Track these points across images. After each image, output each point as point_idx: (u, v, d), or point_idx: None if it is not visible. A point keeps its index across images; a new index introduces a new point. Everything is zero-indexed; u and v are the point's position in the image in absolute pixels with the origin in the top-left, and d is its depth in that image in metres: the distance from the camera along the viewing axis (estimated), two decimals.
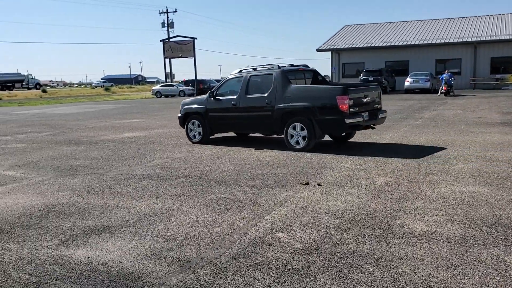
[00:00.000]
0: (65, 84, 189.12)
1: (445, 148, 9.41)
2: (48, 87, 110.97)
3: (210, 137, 11.55)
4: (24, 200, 6.27)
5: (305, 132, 9.53)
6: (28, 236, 4.82)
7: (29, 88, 73.41)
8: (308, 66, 11.23)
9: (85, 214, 5.54)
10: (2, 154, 10.55)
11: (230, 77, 11.20)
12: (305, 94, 9.62)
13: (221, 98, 10.94)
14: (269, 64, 10.65)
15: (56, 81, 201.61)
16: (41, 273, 3.86)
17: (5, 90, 64.00)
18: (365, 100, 9.60)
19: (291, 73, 10.32)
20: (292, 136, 9.75)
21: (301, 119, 9.54)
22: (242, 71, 10.89)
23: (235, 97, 10.61)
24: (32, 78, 78.23)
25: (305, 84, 10.72)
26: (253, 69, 10.73)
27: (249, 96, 10.41)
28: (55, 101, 44.22)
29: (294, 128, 9.68)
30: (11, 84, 71.28)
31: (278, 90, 9.90)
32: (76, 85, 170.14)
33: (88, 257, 4.18)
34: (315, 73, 11.23)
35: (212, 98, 11.05)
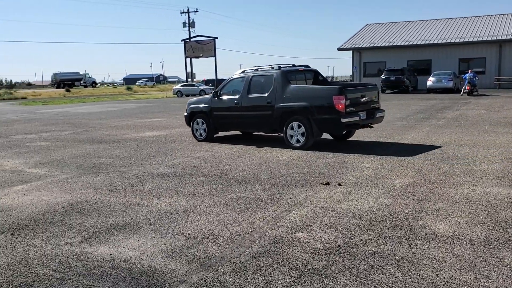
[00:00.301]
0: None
1: (469, 149, 9.25)
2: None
3: (215, 135, 11.87)
4: (48, 197, 6.38)
5: (303, 131, 9.82)
6: (52, 232, 4.91)
7: (85, 86, 78.16)
8: (309, 67, 11.54)
9: (108, 211, 5.62)
10: (27, 152, 10.77)
11: (233, 77, 11.53)
12: (304, 94, 9.93)
13: (224, 97, 11.29)
14: (270, 65, 10.96)
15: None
16: (64, 269, 3.93)
17: (65, 88, 66.89)
18: (362, 100, 9.88)
19: (291, 74, 10.63)
20: (291, 134, 10.04)
21: (300, 118, 9.83)
22: (245, 72, 11.23)
23: (237, 96, 10.94)
24: (89, 77, 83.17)
25: (306, 84, 11.01)
26: (255, 69, 11.05)
27: (250, 95, 10.73)
28: (78, 100, 44.91)
29: (293, 127, 9.97)
30: (71, 82, 75.17)
31: (278, 90, 10.21)
32: (99, 85, 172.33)
33: (110, 254, 4.24)
34: (316, 73, 11.49)
35: (216, 98, 11.41)
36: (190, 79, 55.94)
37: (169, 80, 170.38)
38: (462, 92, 29.10)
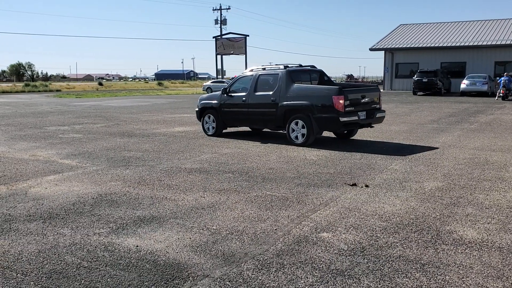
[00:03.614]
0: (120, 78, 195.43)
1: (501, 154, 9.02)
2: (104, 80, 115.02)
3: (223, 130, 12.43)
4: (78, 188, 6.54)
5: (304, 129, 10.22)
6: (81, 222, 5.03)
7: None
8: (315, 67, 11.90)
9: (136, 204, 5.72)
10: (59, 143, 11.05)
11: (242, 75, 12.05)
12: (306, 93, 10.34)
13: (233, 94, 11.77)
14: (277, 65, 11.37)
15: (112, 75, 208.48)
16: (92, 259, 4.03)
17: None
18: (362, 100, 10.26)
19: (296, 73, 11.06)
20: (293, 131, 10.43)
21: (301, 116, 10.24)
22: (253, 70, 11.69)
23: (245, 94, 11.43)
24: None
25: (311, 84, 11.40)
26: (263, 68, 11.51)
27: (257, 93, 11.18)
28: (110, 94, 45.75)
29: (295, 124, 10.36)
30: None
31: (282, 88, 10.62)
32: (131, 79, 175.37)
33: (137, 246, 4.32)
34: (321, 73, 11.92)
35: (225, 94, 11.88)
36: (220, 76, 56.24)
37: (199, 76, 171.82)
38: (496, 96, 28.35)
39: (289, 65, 11.17)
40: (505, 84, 27.35)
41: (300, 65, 11.66)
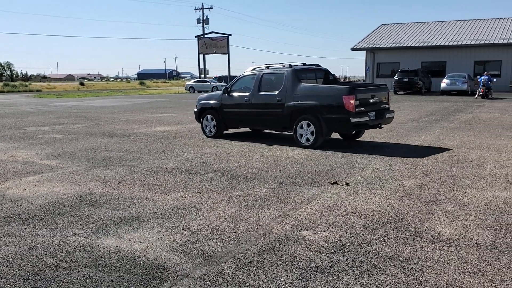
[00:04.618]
0: (102, 78, 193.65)
1: (480, 152, 9.18)
2: (86, 80, 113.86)
3: (224, 132, 11.94)
4: (58, 189, 6.47)
5: (313, 130, 9.81)
6: (60, 223, 4.98)
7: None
8: (320, 66, 11.52)
9: (116, 204, 5.68)
10: (39, 144, 10.90)
11: (244, 74, 11.55)
12: (314, 93, 9.95)
13: (235, 94, 11.34)
14: (281, 63, 10.94)
15: (94, 75, 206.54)
16: (71, 260, 3.99)
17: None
18: (372, 100, 9.85)
19: (302, 72, 10.65)
20: (300, 133, 10.04)
21: (309, 117, 9.83)
22: (256, 69, 11.27)
23: (248, 93, 10.97)
24: None
25: (316, 83, 10.99)
26: (266, 67, 11.05)
27: (261, 93, 10.75)
28: (92, 94, 45.31)
29: (303, 125, 9.97)
30: None
31: (288, 88, 10.22)
32: (113, 79, 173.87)
33: (117, 246, 4.29)
34: (326, 72, 11.47)
35: (227, 94, 11.45)
36: (202, 75, 56.09)
37: (182, 76, 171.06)
38: (476, 95, 28.82)
39: (292, 64, 10.72)
40: (485, 83, 27.80)
41: (304, 64, 11.25)
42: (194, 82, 51.43)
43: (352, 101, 9.28)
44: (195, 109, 12.42)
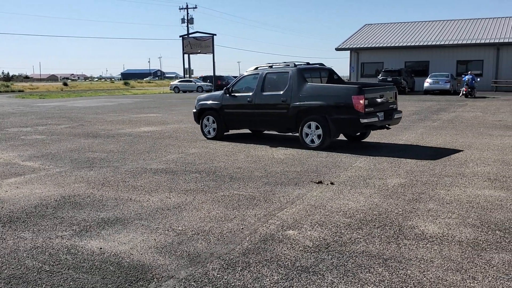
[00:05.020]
0: (85, 78, 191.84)
1: (462, 151, 9.30)
2: (69, 80, 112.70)
3: (225, 133, 11.56)
4: (41, 191, 6.39)
5: (320, 131, 9.53)
6: (43, 225, 4.91)
7: None
8: (324, 65, 11.23)
9: (99, 206, 5.63)
10: (22, 145, 10.75)
11: (246, 74, 11.24)
12: (321, 92, 9.67)
13: (236, 94, 11.01)
14: (285, 62, 10.69)
15: (77, 75, 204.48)
16: (54, 262, 3.94)
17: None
18: (380, 100, 9.61)
19: (307, 72, 10.33)
20: (307, 134, 9.77)
21: (316, 118, 9.56)
22: (258, 68, 10.92)
23: (250, 94, 10.66)
24: None
25: (321, 83, 10.68)
26: (269, 66, 10.74)
27: (264, 93, 10.45)
28: (75, 94, 44.86)
29: (309, 126, 9.70)
30: None
31: (294, 88, 9.93)
32: (97, 79, 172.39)
33: (101, 248, 4.25)
34: (331, 72, 11.19)
35: (228, 95, 11.11)
36: (187, 75, 55.88)
37: (166, 76, 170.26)
38: (460, 94, 29.25)
39: (296, 63, 10.44)
40: (468, 83, 28.24)
41: (308, 63, 10.99)
42: (179, 82, 51.20)
43: (361, 101, 9.05)
44: (194, 110, 12.01)
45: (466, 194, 5.96)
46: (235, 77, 59.87)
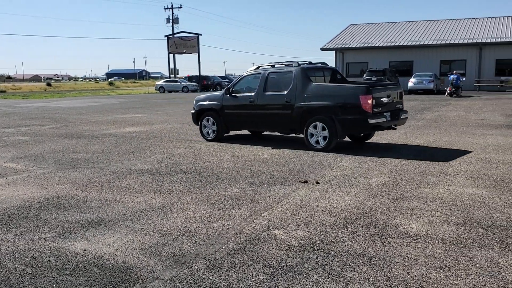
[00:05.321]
0: (70, 78, 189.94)
1: (446, 149, 9.40)
2: (53, 81, 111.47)
3: (225, 134, 11.27)
4: (24, 192, 6.30)
5: (326, 132, 9.28)
6: (26, 227, 4.85)
7: None
8: (327, 64, 11.05)
9: (84, 207, 5.58)
10: (4, 146, 10.61)
11: (246, 73, 10.93)
12: (327, 92, 9.41)
13: (237, 95, 10.70)
14: (287, 62, 10.50)
15: (61, 75, 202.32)
16: (37, 265, 3.89)
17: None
18: (387, 100, 9.36)
19: (310, 71, 10.09)
20: (312, 135, 9.50)
21: (322, 118, 9.29)
22: (260, 68, 10.67)
23: (252, 94, 10.38)
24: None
25: (324, 82, 10.47)
26: (272, 66, 10.51)
27: (267, 93, 10.17)
28: (59, 94, 44.38)
29: (315, 127, 9.43)
30: None
31: (298, 88, 9.68)
32: (81, 79, 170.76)
33: (85, 250, 4.21)
34: (334, 71, 11.00)
35: (228, 95, 10.81)
36: (173, 75, 55.65)
37: (152, 76, 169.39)
38: (446, 93, 29.74)
39: (299, 62, 10.18)
40: (453, 82, 28.71)
41: (310, 62, 10.64)
42: (164, 82, 50.95)
43: (369, 101, 8.81)
44: (192, 111, 11.68)
45: (450, 192, 6.03)
46: (221, 77, 59.97)
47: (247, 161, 8.42)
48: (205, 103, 11.32)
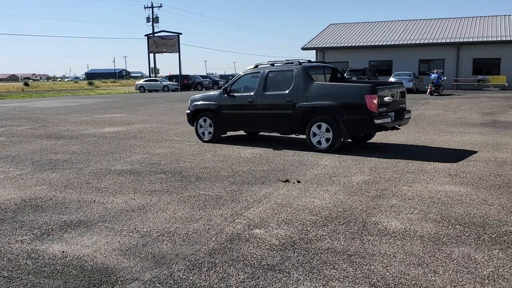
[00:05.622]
0: (48, 78, 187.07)
1: (424, 147, 9.52)
2: (31, 80, 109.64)
3: (222, 135, 10.99)
4: (0, 194, 6.19)
5: (329, 132, 9.07)
6: (2, 230, 4.76)
7: None
8: (326, 63, 10.83)
9: (62, 208, 5.50)
10: None
11: (244, 72, 10.64)
12: (330, 92, 9.18)
13: (235, 94, 10.42)
14: (287, 60, 10.28)
15: (39, 75, 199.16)
16: (13, 268, 3.83)
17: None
18: (391, 99, 9.17)
19: (311, 70, 9.89)
20: (314, 136, 9.27)
21: (326, 119, 9.06)
22: (259, 67, 10.42)
23: (252, 93, 10.10)
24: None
25: (325, 81, 10.29)
26: (271, 64, 10.30)
27: (267, 93, 9.90)
28: (37, 94, 43.71)
29: (318, 127, 9.19)
30: None
31: (300, 87, 9.42)
32: (60, 79, 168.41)
33: (63, 252, 4.15)
34: (334, 70, 10.81)
35: (226, 94, 10.51)
36: (153, 75, 55.27)
37: (132, 75, 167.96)
38: (427, 92, 30.32)
39: (300, 61, 9.89)
40: (434, 81, 29.33)
41: (309, 61, 10.35)
42: (144, 81, 50.56)
43: (375, 101, 8.60)
44: (188, 111, 11.34)
45: (428, 190, 6.11)
46: (202, 76, 59.75)
47: (228, 160, 8.41)
48: (201, 103, 11.02)
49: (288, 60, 10.26)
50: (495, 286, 3.40)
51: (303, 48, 42.23)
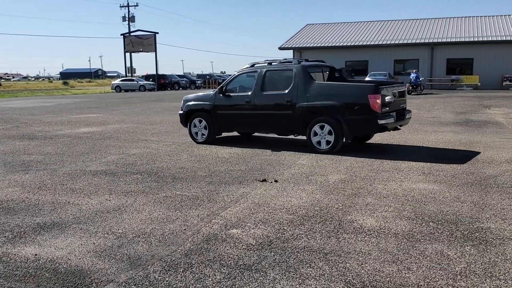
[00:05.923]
0: (21, 77, 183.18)
1: (399, 146, 9.66)
2: (3, 80, 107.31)
3: (217, 136, 10.66)
4: None
5: (331, 133, 8.87)
6: None
7: None
8: (324, 62, 10.83)
9: (35, 210, 5.40)
10: None
11: (240, 72, 10.30)
12: (332, 91, 8.97)
13: (231, 94, 10.07)
14: (285, 59, 10.09)
15: (12, 74, 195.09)
16: None
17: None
18: (393, 99, 8.98)
19: (312, 69, 9.70)
20: (315, 136, 9.05)
21: (327, 119, 8.86)
22: (255, 66, 10.08)
23: (249, 93, 9.79)
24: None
25: (324, 80, 10.13)
26: (268, 63, 9.98)
27: (265, 93, 9.62)
28: (9, 94, 42.80)
29: (320, 128, 8.97)
30: None
31: (300, 87, 9.18)
32: (33, 79, 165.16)
33: (36, 255, 4.08)
34: (332, 69, 10.60)
35: (221, 94, 10.17)
36: (129, 74, 54.72)
37: (108, 75, 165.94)
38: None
39: (300, 60, 9.69)
40: (412, 80, 30.13)
41: (307, 60, 10.15)
42: (121, 81, 50.03)
43: (378, 101, 8.40)
44: (180, 112, 10.97)
45: (402, 188, 6.21)
46: (179, 75, 59.38)
47: (205, 160, 8.38)
48: (195, 103, 10.67)
49: (286, 59, 10.12)
50: (467, 282, 3.48)
51: (280, 48, 42.37)
